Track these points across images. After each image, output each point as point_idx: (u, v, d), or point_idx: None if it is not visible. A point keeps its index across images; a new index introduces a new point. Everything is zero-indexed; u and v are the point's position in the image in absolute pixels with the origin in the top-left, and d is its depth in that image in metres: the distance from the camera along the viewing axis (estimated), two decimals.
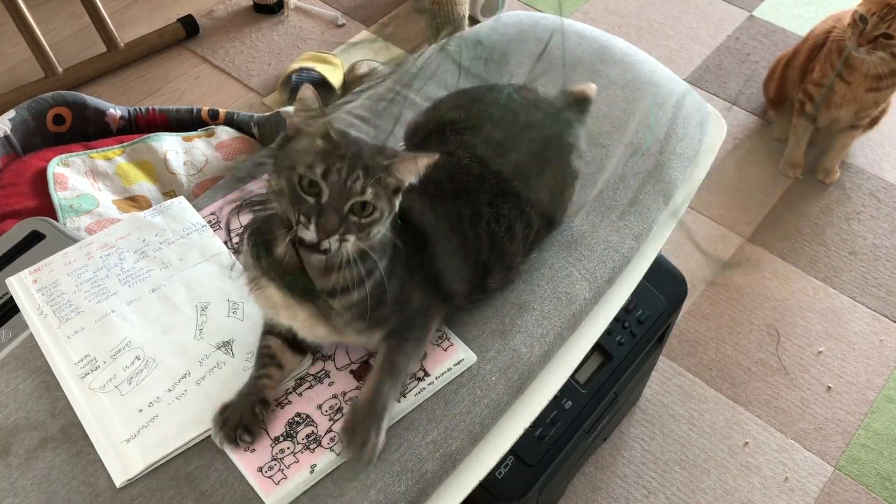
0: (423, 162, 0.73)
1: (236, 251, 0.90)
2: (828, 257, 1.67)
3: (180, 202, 0.94)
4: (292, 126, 0.73)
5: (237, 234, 0.93)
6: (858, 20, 1.54)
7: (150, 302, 0.84)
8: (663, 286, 1.27)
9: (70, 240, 1.17)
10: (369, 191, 0.70)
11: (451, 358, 0.82)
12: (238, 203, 0.95)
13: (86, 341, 0.80)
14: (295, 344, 0.82)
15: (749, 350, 1.53)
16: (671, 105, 1.13)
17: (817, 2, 2.21)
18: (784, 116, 1.85)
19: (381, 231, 0.74)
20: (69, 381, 0.78)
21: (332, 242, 0.69)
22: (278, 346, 0.81)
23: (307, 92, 0.71)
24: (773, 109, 1.89)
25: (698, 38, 2.13)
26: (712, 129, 1.15)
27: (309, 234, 0.69)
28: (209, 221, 0.93)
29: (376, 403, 0.76)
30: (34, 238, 1.17)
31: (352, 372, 0.81)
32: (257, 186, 0.96)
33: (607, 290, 0.96)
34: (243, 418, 0.75)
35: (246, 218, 0.80)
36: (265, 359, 0.81)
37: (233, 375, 0.78)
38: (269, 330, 0.82)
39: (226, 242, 0.92)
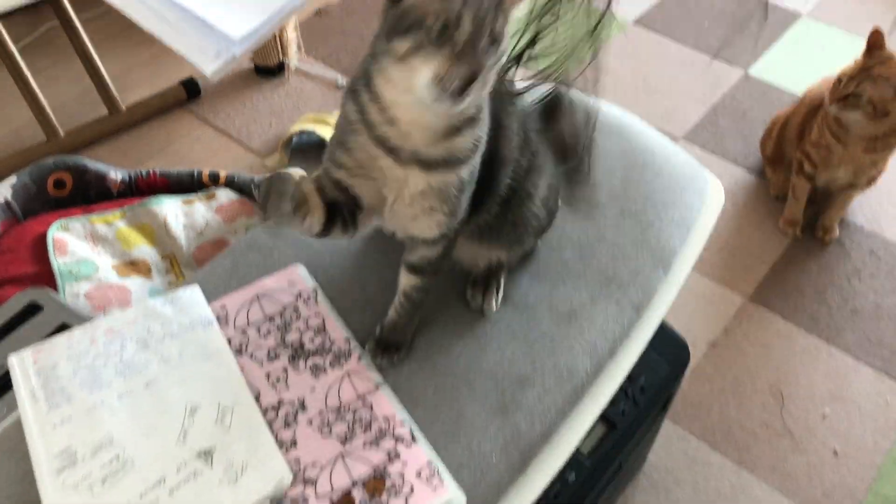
0: None
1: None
2: (830, 316, 1.67)
3: (193, 292, 0.94)
4: None
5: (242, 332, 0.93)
6: (837, 80, 1.59)
7: (141, 397, 0.83)
8: (665, 352, 1.26)
9: (68, 311, 1.17)
10: (501, 17, 0.69)
11: (438, 498, 0.79)
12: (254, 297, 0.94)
13: (70, 433, 0.79)
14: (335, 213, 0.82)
15: (753, 412, 1.52)
16: (668, 173, 1.13)
17: (811, 61, 2.24)
18: (782, 175, 1.86)
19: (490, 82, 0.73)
20: (44, 475, 0.76)
21: (482, 77, 0.68)
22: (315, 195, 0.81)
23: None
24: (770, 168, 1.90)
25: (694, 97, 2.15)
26: (710, 196, 1.15)
27: (460, 75, 0.67)
28: (218, 315, 0.92)
29: (406, 329, 0.89)
30: (32, 310, 1.17)
31: (331, 501, 0.78)
32: (272, 280, 0.96)
33: (609, 362, 0.95)
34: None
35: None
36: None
37: (206, 488, 0.76)
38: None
39: (229, 341, 0.90)
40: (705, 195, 1.14)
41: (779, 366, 1.58)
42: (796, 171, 1.78)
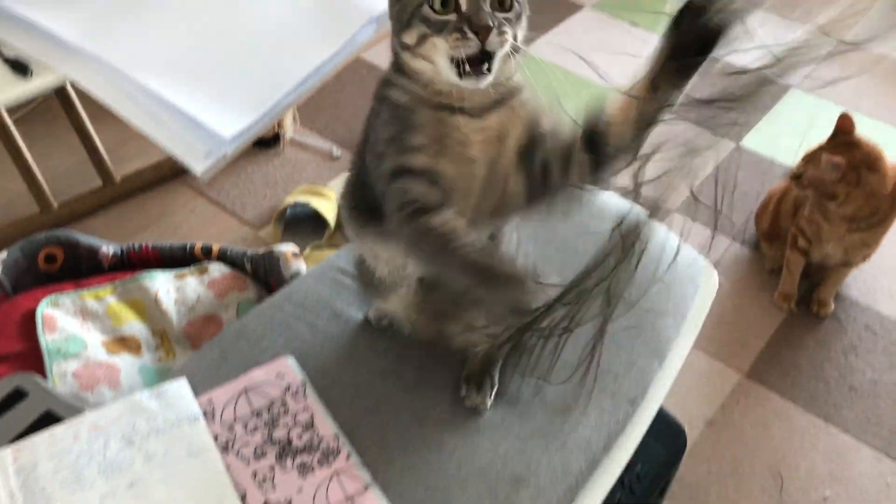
0: None
1: None
2: (827, 393, 1.65)
3: (179, 385, 0.92)
4: None
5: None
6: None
7: (123, 499, 0.80)
8: (662, 437, 1.24)
9: (53, 398, 1.14)
10: None
11: None
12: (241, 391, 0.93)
13: None
14: None
15: (753, 494, 1.49)
16: (663, 260, 1.13)
17: (802, 133, 2.26)
18: (778, 249, 1.86)
19: (523, 35, 0.73)
20: None
21: (493, 42, 0.68)
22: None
23: None
24: (766, 242, 1.90)
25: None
26: (704, 283, 1.15)
27: (470, 44, 0.67)
28: (205, 410, 0.90)
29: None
30: (17, 396, 1.14)
31: None
32: (260, 373, 0.94)
33: (604, 458, 0.93)
34: None
35: None
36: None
37: None
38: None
39: (215, 437, 0.88)
40: (699, 282, 1.14)
41: (777, 445, 1.56)
42: (791, 246, 1.78)
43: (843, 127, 1.62)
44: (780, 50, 0.71)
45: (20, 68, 1.29)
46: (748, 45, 0.71)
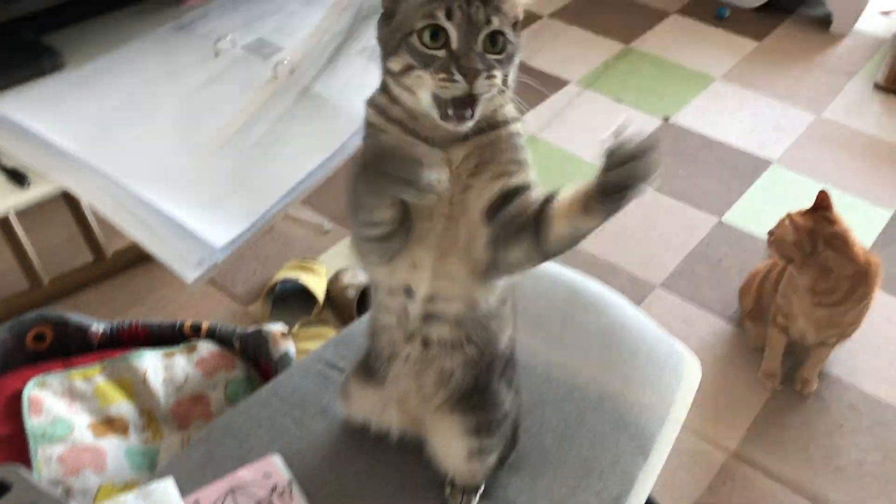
0: None
1: None
2: (814, 474, 1.65)
3: (166, 489, 0.92)
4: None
5: None
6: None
7: None
8: None
9: (37, 491, 1.14)
10: (494, 19, 0.67)
11: None
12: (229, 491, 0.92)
13: None
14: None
15: None
16: (646, 352, 1.15)
17: (784, 208, 2.30)
18: (761, 327, 1.89)
19: (514, 75, 0.71)
20: None
21: (481, 86, 0.66)
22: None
23: None
24: (750, 321, 1.93)
25: (670, 244, 2.20)
26: (686, 373, 1.17)
27: (457, 86, 0.65)
28: None
29: None
30: (0, 489, 1.14)
31: None
32: (247, 472, 0.95)
33: None
34: None
35: None
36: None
37: None
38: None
39: None
40: (681, 373, 1.16)
41: None
42: (771, 322, 1.80)
43: (822, 203, 1.67)
44: None
45: (18, 177, 1.31)
46: None
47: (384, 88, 0.75)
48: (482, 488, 0.94)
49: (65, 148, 1.07)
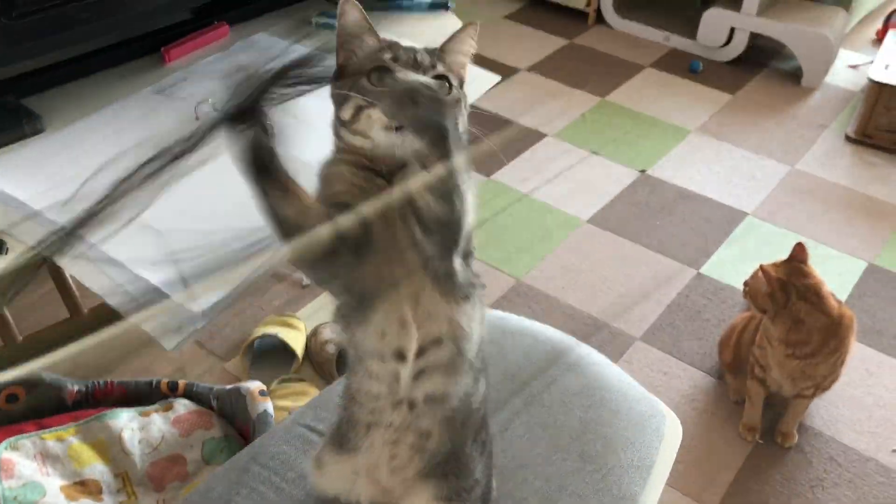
0: (469, 34, 0.75)
1: None
2: None
3: None
4: (342, 55, 0.75)
5: None
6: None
7: None
8: None
9: None
10: (440, 65, 0.72)
11: None
12: None
13: None
14: None
15: None
16: (626, 412, 1.15)
17: (760, 259, 2.33)
18: (741, 380, 1.89)
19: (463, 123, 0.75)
20: None
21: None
22: None
23: (349, 15, 0.74)
24: (730, 374, 1.93)
25: (650, 296, 2.22)
26: (668, 433, 1.16)
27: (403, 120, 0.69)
28: None
29: None
30: None
31: None
32: None
33: None
34: None
35: None
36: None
37: None
38: None
39: None
40: (662, 433, 1.15)
41: None
42: (750, 375, 1.81)
43: (798, 255, 1.69)
44: None
45: None
46: None
47: (336, 148, 0.79)
48: None
49: (36, 209, 1.07)
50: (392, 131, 0.72)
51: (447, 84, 0.75)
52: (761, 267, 1.69)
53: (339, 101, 0.76)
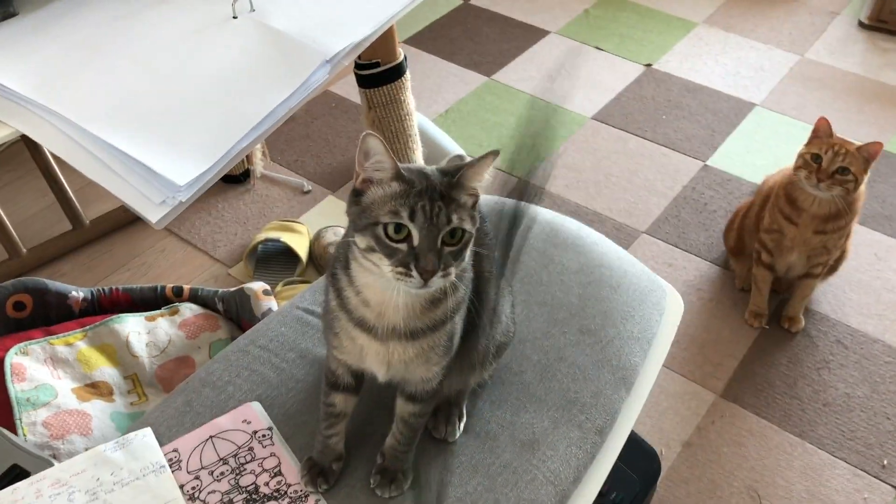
0: (487, 163, 0.74)
1: None
2: (802, 410, 1.66)
3: (145, 435, 0.92)
4: (361, 179, 0.74)
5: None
6: (811, 160, 1.60)
7: None
8: (635, 464, 1.24)
9: (20, 452, 1.13)
10: (454, 217, 0.71)
11: None
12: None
13: None
14: (355, 390, 0.89)
15: None
16: (626, 287, 1.14)
17: (767, 150, 2.30)
18: (745, 266, 1.88)
19: (468, 255, 0.76)
20: None
21: (436, 283, 0.70)
22: (342, 400, 0.89)
23: (371, 141, 0.71)
24: (734, 260, 1.92)
25: (655, 190, 2.19)
26: (669, 307, 1.16)
27: (413, 282, 0.69)
28: (171, 459, 0.90)
29: (407, 455, 0.89)
30: None
31: None
32: (226, 420, 0.93)
33: (574, 490, 0.93)
34: (323, 471, 0.88)
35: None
36: (332, 418, 0.89)
37: None
38: (334, 385, 0.88)
39: (182, 486, 0.88)
40: (663, 307, 1.15)
41: (754, 465, 1.56)
42: (756, 262, 1.79)
43: (821, 129, 1.64)
44: None
45: None
46: None
47: (345, 265, 0.78)
48: (465, 419, 0.94)
49: (20, 92, 1.04)
50: (402, 277, 0.71)
51: (461, 231, 0.72)
52: (849, 151, 1.60)
53: (355, 225, 0.74)
